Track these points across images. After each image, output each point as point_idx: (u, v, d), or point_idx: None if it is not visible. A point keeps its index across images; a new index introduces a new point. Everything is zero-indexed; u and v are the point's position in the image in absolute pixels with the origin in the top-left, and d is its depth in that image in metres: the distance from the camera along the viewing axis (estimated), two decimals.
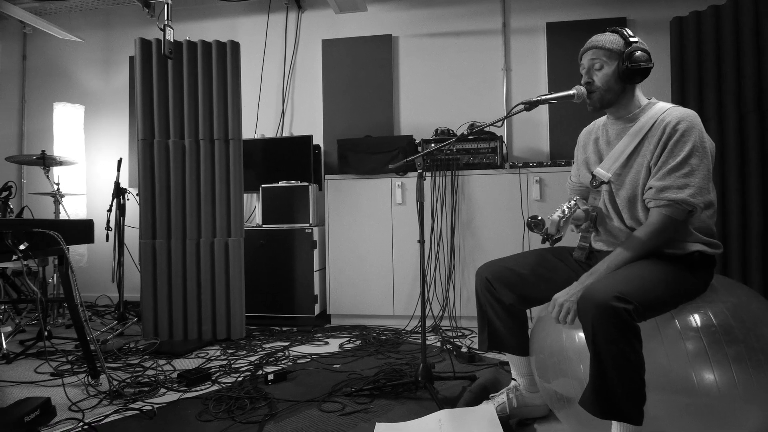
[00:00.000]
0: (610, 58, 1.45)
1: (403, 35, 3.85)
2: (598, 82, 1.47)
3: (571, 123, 3.49)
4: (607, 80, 1.46)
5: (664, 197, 1.34)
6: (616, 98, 1.48)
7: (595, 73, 1.48)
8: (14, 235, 1.66)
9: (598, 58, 1.47)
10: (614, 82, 1.46)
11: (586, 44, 1.51)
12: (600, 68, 1.47)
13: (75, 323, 2.11)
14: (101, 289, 4.13)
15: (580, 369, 1.33)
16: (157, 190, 2.88)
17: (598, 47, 1.47)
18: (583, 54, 1.52)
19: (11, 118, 4.46)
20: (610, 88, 1.46)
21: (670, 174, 1.35)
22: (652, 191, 1.37)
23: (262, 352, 2.58)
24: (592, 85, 1.48)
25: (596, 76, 1.48)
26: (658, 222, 1.36)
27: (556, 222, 1.27)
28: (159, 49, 2.91)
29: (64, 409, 1.84)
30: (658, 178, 1.37)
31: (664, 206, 1.35)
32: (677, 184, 1.34)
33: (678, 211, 1.34)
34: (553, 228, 1.28)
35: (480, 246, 3.09)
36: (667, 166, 1.36)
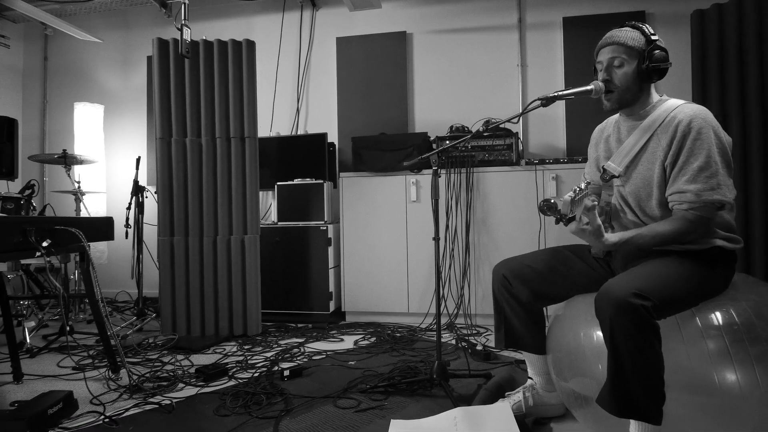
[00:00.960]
0: (631, 56, 1.42)
1: (417, 32, 3.84)
2: (617, 81, 1.44)
3: (588, 119, 3.43)
4: (626, 79, 1.43)
5: (701, 200, 1.31)
6: (633, 98, 1.45)
7: (615, 71, 1.44)
8: (37, 232, 1.70)
9: (618, 56, 1.43)
10: (633, 81, 1.43)
11: (605, 39, 1.47)
12: (620, 66, 1.43)
13: (96, 319, 2.16)
14: (121, 286, 4.21)
15: (597, 367, 1.32)
16: (175, 188, 2.92)
17: (619, 43, 1.42)
18: (601, 50, 1.48)
19: (34, 117, 4.56)
20: (628, 88, 1.43)
21: (699, 175, 1.32)
22: (689, 195, 1.32)
23: (278, 349, 2.61)
24: (611, 84, 1.45)
25: (615, 75, 1.44)
26: (692, 221, 1.33)
27: (568, 202, 1.26)
28: (176, 49, 2.95)
29: (86, 403, 1.88)
30: (688, 181, 1.33)
31: (698, 208, 1.32)
32: (710, 186, 1.31)
33: (711, 210, 1.33)
34: (566, 208, 1.26)
35: (495, 243, 3.07)
36: (692, 168, 1.33)
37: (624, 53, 1.42)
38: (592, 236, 1.30)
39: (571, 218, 1.27)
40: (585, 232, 1.29)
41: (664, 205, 1.40)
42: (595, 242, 1.33)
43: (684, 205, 1.34)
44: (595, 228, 1.28)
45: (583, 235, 1.31)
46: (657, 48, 1.39)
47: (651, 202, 1.42)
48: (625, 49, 1.42)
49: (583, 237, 1.33)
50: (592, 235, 1.30)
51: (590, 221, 1.27)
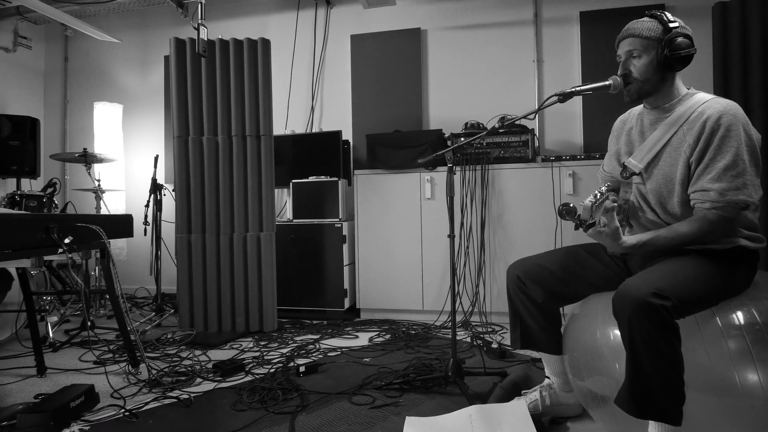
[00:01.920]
0: (648, 46, 1.39)
1: (432, 28, 3.82)
2: (635, 73, 1.41)
3: (606, 114, 3.37)
4: (644, 71, 1.40)
5: (725, 200, 1.28)
6: (654, 89, 1.42)
7: (632, 63, 1.42)
8: (60, 229, 1.74)
9: (634, 48, 1.40)
10: (652, 72, 1.39)
11: (622, 32, 1.45)
12: (637, 57, 1.40)
13: (116, 314, 2.20)
14: (140, 282, 4.28)
15: (615, 367, 1.30)
16: (192, 185, 2.96)
17: (635, 35, 1.40)
18: (620, 43, 1.45)
19: (55, 117, 4.65)
20: (648, 79, 1.40)
21: (725, 174, 1.29)
22: (713, 194, 1.29)
23: (294, 345, 2.63)
24: (629, 77, 1.42)
25: (633, 67, 1.41)
26: (714, 222, 1.30)
27: (588, 207, 1.24)
28: (193, 49, 2.99)
29: (107, 396, 1.92)
30: (713, 179, 1.30)
31: (721, 207, 1.29)
32: (735, 185, 1.28)
33: (734, 211, 1.30)
34: (586, 214, 1.25)
35: (510, 241, 3.05)
36: (718, 166, 1.29)
37: (640, 45, 1.39)
38: (609, 239, 1.28)
39: (591, 224, 1.25)
40: (602, 234, 1.27)
41: (686, 204, 1.37)
42: (612, 245, 1.31)
43: (706, 204, 1.31)
44: (613, 230, 1.26)
45: (600, 238, 1.30)
46: (677, 35, 1.35)
47: (672, 200, 1.39)
48: (641, 40, 1.39)
49: (599, 239, 1.31)
50: (609, 238, 1.28)
51: (608, 223, 1.25)
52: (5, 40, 4.27)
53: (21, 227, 1.58)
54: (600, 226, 1.25)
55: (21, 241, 1.57)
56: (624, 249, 1.32)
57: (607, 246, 1.38)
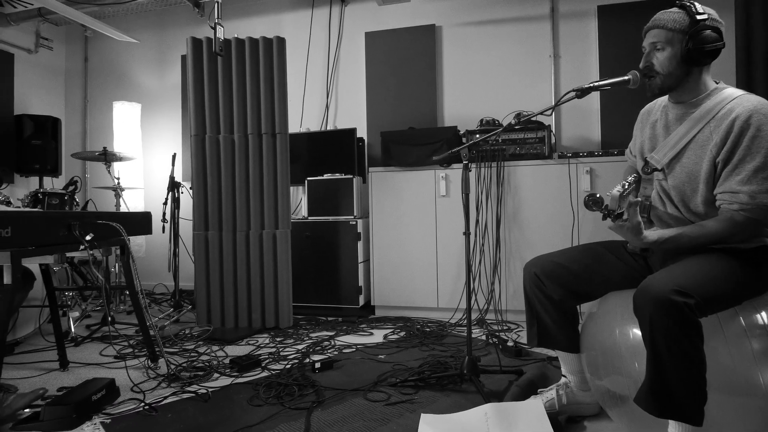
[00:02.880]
0: (672, 39, 1.34)
1: (446, 24, 3.79)
2: (657, 67, 1.37)
3: (625, 110, 3.33)
4: (667, 64, 1.36)
5: (755, 203, 1.25)
6: (677, 83, 1.38)
7: (655, 55, 1.38)
8: (81, 226, 1.77)
9: (658, 40, 1.36)
10: (676, 65, 1.35)
11: (649, 23, 1.41)
12: (661, 50, 1.37)
13: (136, 310, 2.24)
14: (158, 278, 4.35)
15: (634, 366, 1.29)
16: (209, 183, 3.00)
17: (659, 27, 1.36)
18: (645, 35, 1.42)
19: (76, 116, 4.75)
20: (670, 73, 1.36)
21: (755, 176, 1.25)
22: (743, 197, 1.26)
23: (309, 341, 2.65)
24: (651, 70, 1.39)
25: (655, 60, 1.38)
26: (741, 223, 1.27)
27: (616, 197, 1.22)
28: (209, 48, 3.02)
29: (127, 390, 1.96)
30: (742, 181, 1.26)
31: (750, 210, 1.26)
32: (766, 188, 1.24)
33: (763, 212, 1.27)
34: (614, 203, 1.22)
35: (527, 239, 3.02)
36: (748, 167, 1.26)
37: (663, 37, 1.35)
38: (630, 233, 1.26)
39: (620, 214, 1.23)
40: (623, 228, 1.25)
41: (711, 203, 1.34)
42: (633, 239, 1.29)
43: (735, 205, 1.27)
44: (635, 225, 1.24)
45: (621, 232, 1.27)
46: (704, 28, 1.30)
47: (696, 199, 1.36)
48: (665, 32, 1.35)
49: (620, 233, 1.29)
50: (630, 232, 1.25)
51: (629, 217, 1.23)
52: (27, 41, 4.36)
53: (44, 225, 1.62)
54: (621, 219, 1.24)
55: (44, 238, 1.61)
56: (645, 244, 1.30)
57: (628, 241, 1.36)
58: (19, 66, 4.26)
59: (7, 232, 1.43)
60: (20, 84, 4.27)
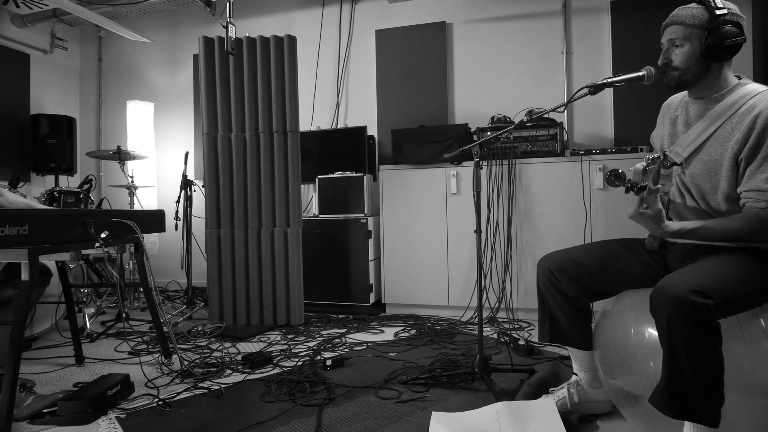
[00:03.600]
0: (690, 35, 1.33)
1: (457, 21, 3.78)
2: (676, 62, 1.36)
3: (638, 106, 3.30)
4: (686, 60, 1.34)
5: None
6: (696, 78, 1.36)
7: (674, 51, 1.36)
8: (96, 224, 1.80)
9: (676, 36, 1.35)
10: (695, 61, 1.34)
11: (667, 19, 1.39)
12: (679, 47, 1.35)
13: (149, 306, 2.27)
14: (171, 275, 4.40)
15: (649, 366, 1.27)
16: (221, 181, 3.02)
17: (677, 23, 1.35)
18: (663, 31, 1.40)
19: (90, 116, 4.81)
20: (689, 68, 1.35)
21: None
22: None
23: (320, 339, 2.66)
24: (669, 66, 1.37)
25: (674, 55, 1.36)
26: (765, 222, 1.25)
27: (639, 170, 1.20)
28: (221, 47, 3.04)
29: (141, 386, 1.98)
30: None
31: None
32: None
33: None
34: (637, 177, 1.21)
35: (538, 237, 3.00)
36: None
37: (682, 33, 1.34)
38: (651, 221, 1.24)
39: (642, 187, 1.22)
40: (644, 216, 1.24)
41: (732, 200, 1.32)
42: (654, 228, 1.27)
43: (762, 203, 1.25)
44: (656, 212, 1.22)
45: (642, 220, 1.26)
46: (724, 23, 1.28)
47: (717, 196, 1.34)
48: (683, 28, 1.34)
49: (641, 221, 1.27)
50: (651, 220, 1.24)
51: (650, 205, 1.22)
52: (43, 42, 4.43)
53: (60, 222, 1.64)
54: (642, 207, 1.22)
55: (60, 236, 1.63)
56: (666, 234, 1.28)
57: (649, 230, 1.34)
58: (34, 66, 4.32)
59: (25, 230, 1.45)
60: (36, 84, 4.33)
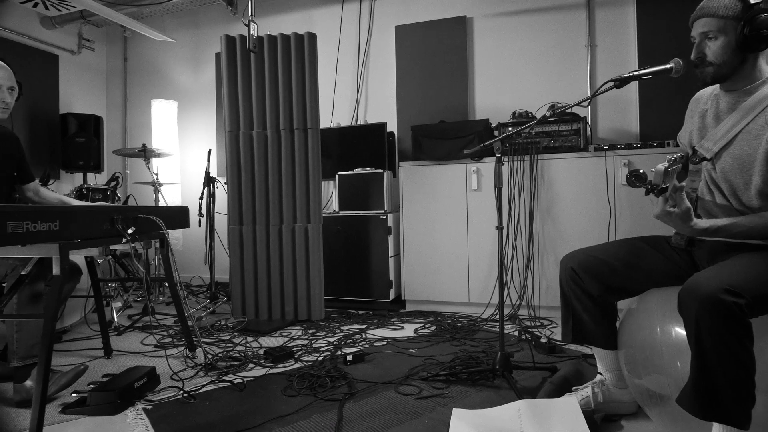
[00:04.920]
0: (725, 27, 1.28)
1: (477, 15, 3.73)
2: (711, 57, 1.31)
3: (665, 100, 3.22)
4: (721, 53, 1.29)
5: None
6: (732, 71, 1.32)
7: (707, 45, 1.31)
8: (123, 220, 1.84)
9: (710, 29, 1.30)
10: (731, 54, 1.29)
11: (696, 12, 1.34)
12: (713, 39, 1.30)
13: (174, 301, 2.32)
14: (195, 271, 4.48)
15: (676, 365, 1.24)
16: (243, 178, 3.06)
17: (709, 15, 1.29)
18: (693, 23, 1.35)
19: (116, 114, 4.93)
20: (725, 62, 1.30)
21: None
22: None
23: (341, 334, 2.68)
24: (704, 60, 1.32)
25: (708, 50, 1.31)
26: None
27: (661, 172, 1.16)
28: (242, 45, 3.07)
29: (167, 378, 2.03)
30: None
31: None
32: None
33: None
34: (658, 178, 1.17)
35: (561, 234, 2.96)
36: None
37: (715, 25, 1.29)
38: (679, 219, 1.21)
39: (664, 189, 1.18)
40: (671, 215, 1.20)
41: (766, 196, 1.27)
42: (682, 227, 1.24)
43: None
44: (684, 211, 1.19)
45: (669, 219, 1.23)
46: (759, 12, 1.23)
47: (749, 192, 1.29)
48: (716, 20, 1.29)
49: (668, 221, 1.24)
50: (678, 218, 1.21)
51: (677, 203, 1.18)
52: (70, 42, 4.54)
53: (89, 219, 1.68)
54: (668, 205, 1.19)
55: (89, 232, 1.68)
56: (695, 232, 1.25)
57: (677, 228, 1.31)
58: (63, 67, 4.44)
59: (56, 226, 1.49)
60: (64, 84, 4.46)
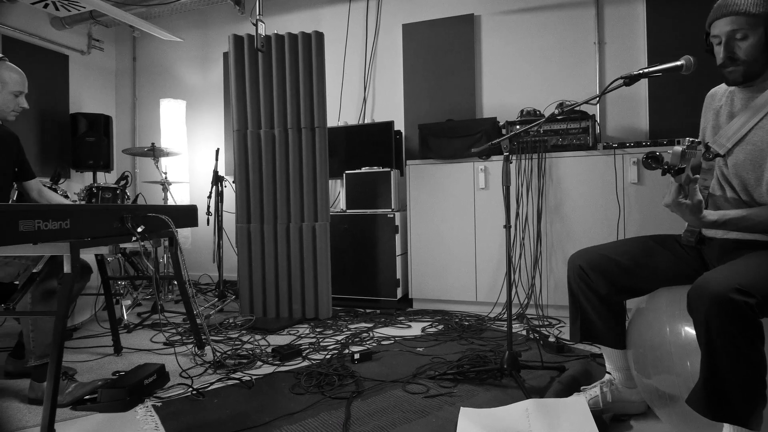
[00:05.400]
0: (755, 24, 1.25)
1: (485, 13, 3.72)
2: (743, 56, 1.28)
3: (675, 97, 3.19)
4: (753, 52, 1.27)
5: None
6: (762, 69, 1.29)
7: (737, 45, 1.28)
8: (133, 219, 1.86)
9: (739, 28, 1.26)
10: (761, 52, 1.26)
11: (718, 9, 1.30)
12: (743, 38, 1.27)
13: (183, 299, 2.33)
14: (203, 269, 4.51)
15: (685, 365, 1.23)
16: (251, 177, 3.07)
17: (739, 13, 1.26)
18: (715, 22, 1.31)
19: (125, 114, 4.97)
20: (756, 60, 1.28)
21: None
22: None
23: (348, 332, 2.68)
24: (736, 60, 1.29)
25: (739, 49, 1.28)
26: None
27: (678, 152, 1.16)
28: (250, 45, 3.08)
29: (176, 376, 2.04)
30: None
31: None
32: None
33: None
34: (676, 159, 1.17)
35: (569, 232, 2.94)
36: None
37: (746, 23, 1.26)
38: (689, 211, 1.21)
39: (680, 170, 1.18)
40: (682, 206, 1.20)
41: None
42: (692, 219, 1.24)
43: None
44: (695, 203, 1.18)
45: (679, 209, 1.22)
46: None
47: (761, 188, 1.28)
48: (745, 18, 1.25)
49: (678, 211, 1.24)
50: (688, 210, 1.20)
51: (689, 195, 1.18)
52: (80, 43, 4.58)
53: (100, 217, 1.70)
54: (680, 196, 1.18)
55: (100, 230, 1.69)
56: (704, 224, 1.25)
57: (686, 220, 1.30)
58: (73, 67, 4.48)
59: (67, 224, 1.51)
60: (74, 84, 4.50)
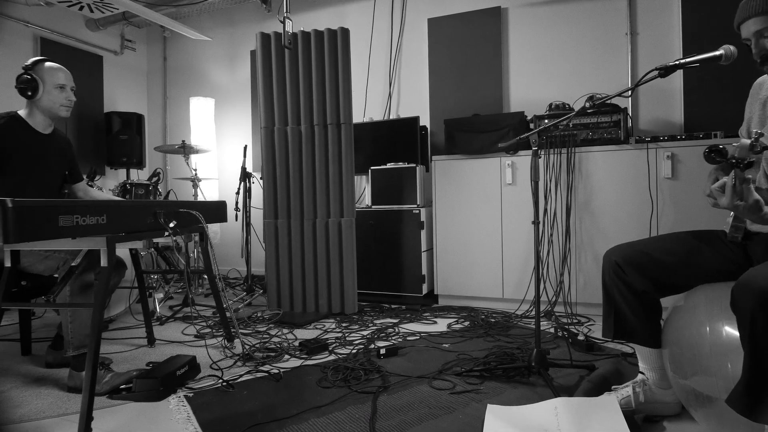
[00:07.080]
0: None
1: (512, 6, 3.65)
2: None
3: (711, 89, 3.07)
4: None
5: None
6: None
7: (766, 43, 1.26)
8: (165, 214, 1.90)
9: (765, 27, 1.25)
10: None
11: (741, 12, 1.28)
12: None
13: (213, 292, 2.39)
14: (231, 264, 4.60)
15: (725, 366, 1.19)
16: (278, 173, 3.11)
17: (760, 13, 1.24)
18: (743, 24, 1.29)
19: (157, 112, 5.09)
20: None
21: None
22: None
23: (374, 327, 2.69)
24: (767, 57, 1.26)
25: None
26: None
27: (746, 145, 1.12)
28: (277, 42, 3.11)
29: (206, 367, 2.09)
30: None
31: None
32: None
33: None
34: (743, 152, 1.13)
35: (600, 229, 2.87)
36: None
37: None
38: (747, 212, 1.17)
39: (749, 164, 1.14)
40: (738, 208, 1.16)
41: None
42: (751, 217, 1.19)
43: None
44: (752, 204, 1.14)
45: (737, 212, 1.19)
46: None
47: None
48: None
49: (737, 212, 1.20)
50: (747, 211, 1.16)
51: (745, 196, 1.14)
52: (114, 44, 4.72)
53: (134, 213, 1.75)
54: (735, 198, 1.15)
55: (134, 225, 1.75)
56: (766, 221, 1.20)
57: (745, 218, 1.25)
58: (107, 67, 4.63)
59: (103, 219, 1.56)
60: (108, 83, 4.64)
